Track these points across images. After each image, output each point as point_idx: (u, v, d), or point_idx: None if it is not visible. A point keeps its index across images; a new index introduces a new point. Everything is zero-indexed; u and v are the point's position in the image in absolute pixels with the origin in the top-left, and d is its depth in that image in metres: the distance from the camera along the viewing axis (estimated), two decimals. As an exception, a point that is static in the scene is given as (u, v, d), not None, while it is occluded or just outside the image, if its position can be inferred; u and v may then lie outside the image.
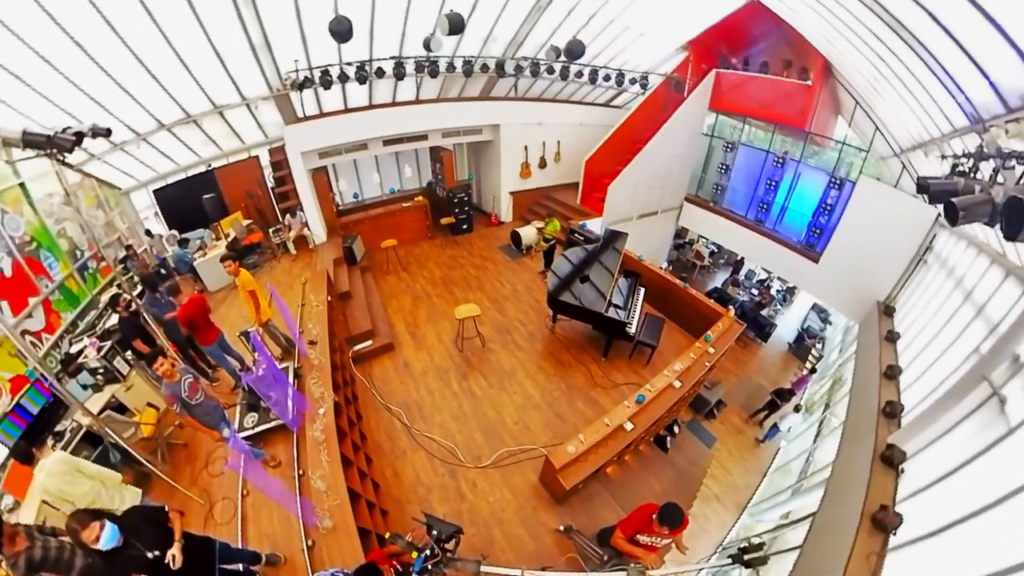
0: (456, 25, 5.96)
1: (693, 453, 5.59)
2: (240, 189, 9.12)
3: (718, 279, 12.16)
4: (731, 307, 6.19)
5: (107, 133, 4.20)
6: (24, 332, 5.73)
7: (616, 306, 5.74)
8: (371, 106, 8.44)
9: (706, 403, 6.71)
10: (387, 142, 9.12)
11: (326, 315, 5.52)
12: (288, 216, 8.74)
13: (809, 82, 7.50)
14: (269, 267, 8.41)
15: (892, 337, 5.32)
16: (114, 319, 6.34)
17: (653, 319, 6.15)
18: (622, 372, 5.82)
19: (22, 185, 6.07)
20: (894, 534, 3.06)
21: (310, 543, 3.40)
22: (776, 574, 3.93)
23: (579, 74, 8.70)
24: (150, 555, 2.63)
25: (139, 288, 7.01)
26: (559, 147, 10.38)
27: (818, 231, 8.13)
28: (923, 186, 2.86)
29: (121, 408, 5.19)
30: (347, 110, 8.28)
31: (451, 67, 7.69)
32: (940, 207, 3.02)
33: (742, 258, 12.22)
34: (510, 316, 6.93)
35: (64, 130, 3.47)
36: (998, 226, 2.27)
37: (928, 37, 3.72)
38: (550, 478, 4.12)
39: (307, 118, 8.01)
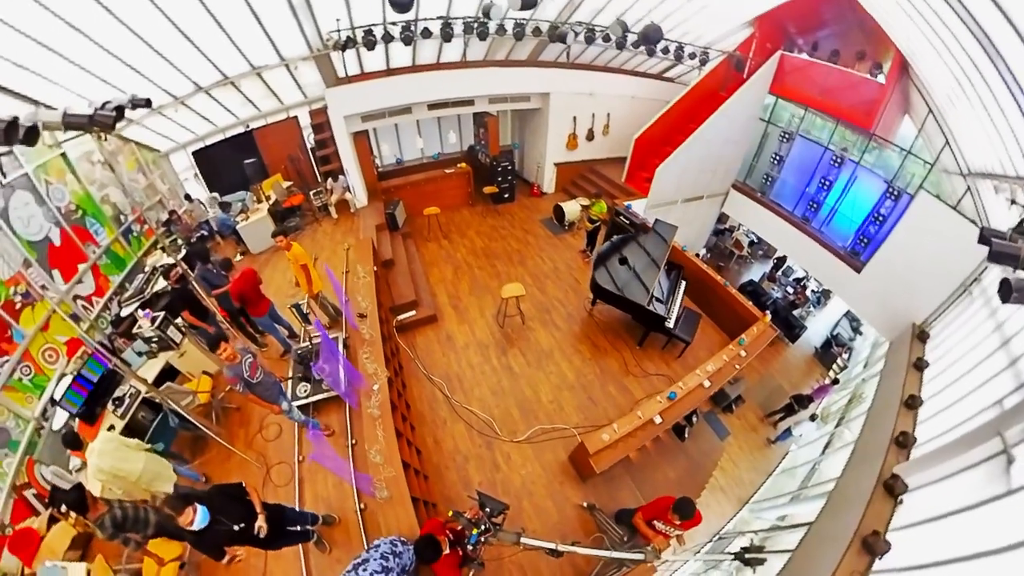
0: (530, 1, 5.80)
1: (707, 444, 5.93)
2: (279, 150, 9.27)
3: (755, 271, 12.02)
4: (767, 312, 6.29)
5: (147, 103, 4.16)
6: (76, 297, 6.27)
7: (658, 299, 5.92)
8: (415, 67, 8.37)
9: (726, 397, 6.90)
10: (432, 106, 9.11)
11: (374, 287, 5.81)
12: (330, 180, 8.93)
13: (882, 79, 7.13)
14: (311, 230, 8.70)
15: (920, 365, 5.33)
16: (162, 283, 6.71)
17: (690, 314, 6.34)
18: (654, 362, 6.09)
19: (64, 155, 6.40)
20: (880, 559, 3.34)
21: (362, 506, 3.91)
22: (764, 572, 4.31)
23: (636, 44, 8.28)
24: (236, 528, 3.01)
25: (184, 252, 7.35)
26: (608, 120, 10.20)
27: (865, 240, 7.90)
28: (985, 239, 2.88)
29: (174, 372, 5.58)
30: (389, 71, 8.24)
31: (502, 30, 7.49)
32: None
33: (785, 255, 12.04)
34: (550, 295, 7.17)
35: (104, 106, 3.37)
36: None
37: (1018, 63, 3.61)
38: (581, 459, 4.54)
39: (348, 79, 7.97)
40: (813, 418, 7.99)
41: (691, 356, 6.19)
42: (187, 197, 8.67)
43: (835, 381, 8.62)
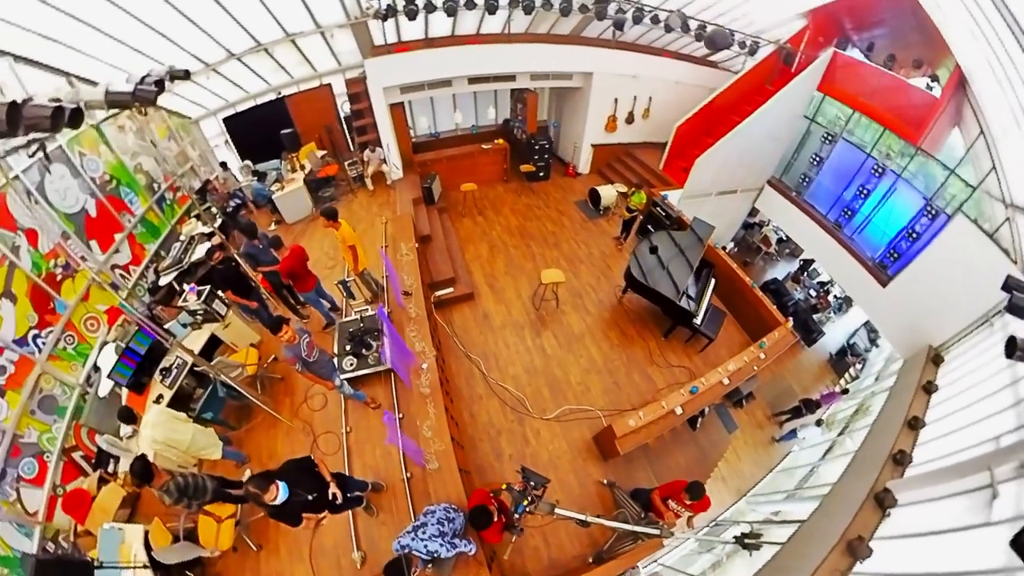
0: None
1: (715, 436, 6.31)
2: (312, 118, 9.32)
3: (779, 269, 12.14)
4: (789, 318, 6.54)
5: (185, 75, 4.16)
6: (113, 266, 6.53)
7: (688, 296, 6.22)
8: (454, 39, 8.38)
9: (738, 392, 7.16)
10: (472, 80, 9.12)
11: (417, 265, 6.14)
12: (367, 151, 9.06)
13: (937, 92, 7.04)
14: (346, 201, 8.93)
15: (929, 389, 5.55)
16: (200, 251, 6.95)
17: (716, 312, 6.63)
18: (677, 354, 6.45)
19: (97, 127, 6.56)
20: (860, 563, 3.74)
21: (409, 475, 4.41)
22: (753, 560, 4.81)
23: (685, 27, 8.10)
24: (309, 497, 3.39)
25: (219, 221, 7.59)
26: (650, 103, 10.14)
27: (896, 255, 7.91)
28: (1008, 288, 3.07)
29: (217, 341, 5.91)
30: (428, 41, 8.26)
31: (548, 4, 7.43)
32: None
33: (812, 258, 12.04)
34: (583, 280, 7.47)
35: (143, 80, 3.34)
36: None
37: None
38: (606, 440, 4.99)
39: (387, 47, 8.00)
40: (819, 423, 8.38)
41: (712, 352, 6.52)
42: (223, 165, 8.86)
43: (844, 391, 8.90)
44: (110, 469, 5.56)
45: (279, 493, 3.13)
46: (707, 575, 6.30)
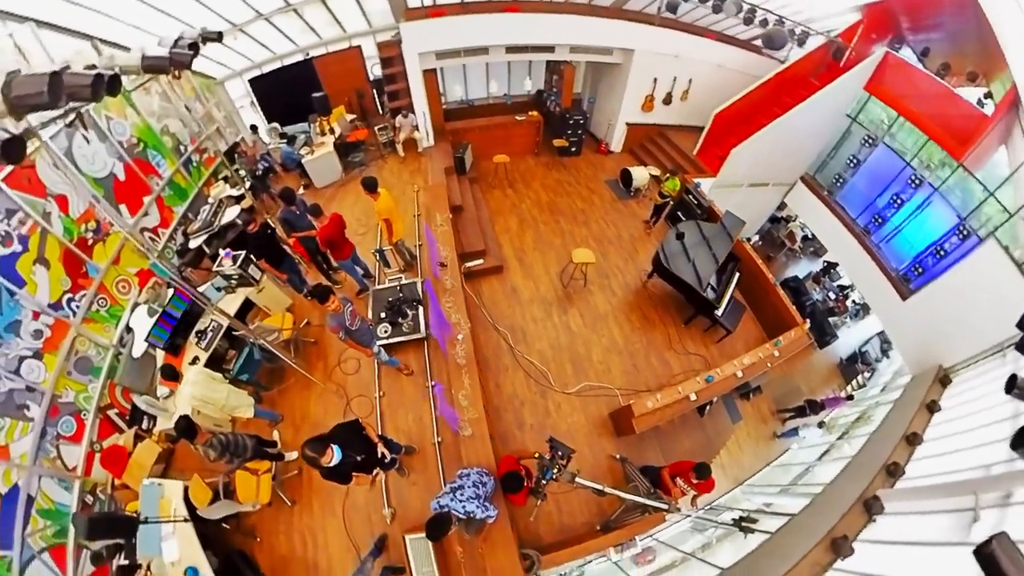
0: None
1: (720, 425, 6.73)
2: (340, 81, 9.40)
3: (801, 267, 12.34)
4: (807, 320, 6.84)
5: (218, 37, 4.13)
6: (143, 229, 6.81)
7: (712, 287, 6.53)
8: (491, 4, 8.39)
9: (746, 385, 7.44)
10: (510, 49, 9.12)
11: (452, 236, 6.42)
12: (399, 116, 9.15)
13: (989, 110, 7.06)
14: (376, 167, 9.11)
15: (932, 408, 5.80)
16: (230, 214, 7.17)
17: (736, 305, 6.96)
18: (695, 342, 6.82)
19: (126, 91, 6.64)
20: (841, 560, 4.14)
21: (439, 440, 4.84)
22: (740, 546, 5.38)
23: (737, 7, 7.99)
24: (359, 458, 3.69)
25: (248, 183, 7.78)
26: (690, 86, 10.14)
27: (920, 270, 8.01)
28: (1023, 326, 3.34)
29: (249, 304, 6.26)
30: (464, 5, 8.30)
31: None
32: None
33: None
34: (611, 261, 7.77)
35: (177, 43, 3.36)
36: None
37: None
38: (622, 418, 5.43)
39: (421, 9, 8.04)
40: (820, 425, 8.77)
41: (728, 344, 6.87)
42: (252, 128, 8.98)
43: (850, 397, 9.24)
44: (144, 426, 6.07)
45: (334, 455, 3.42)
46: (696, 554, 6.88)
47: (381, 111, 10.00)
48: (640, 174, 9.27)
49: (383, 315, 5.91)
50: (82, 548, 5.34)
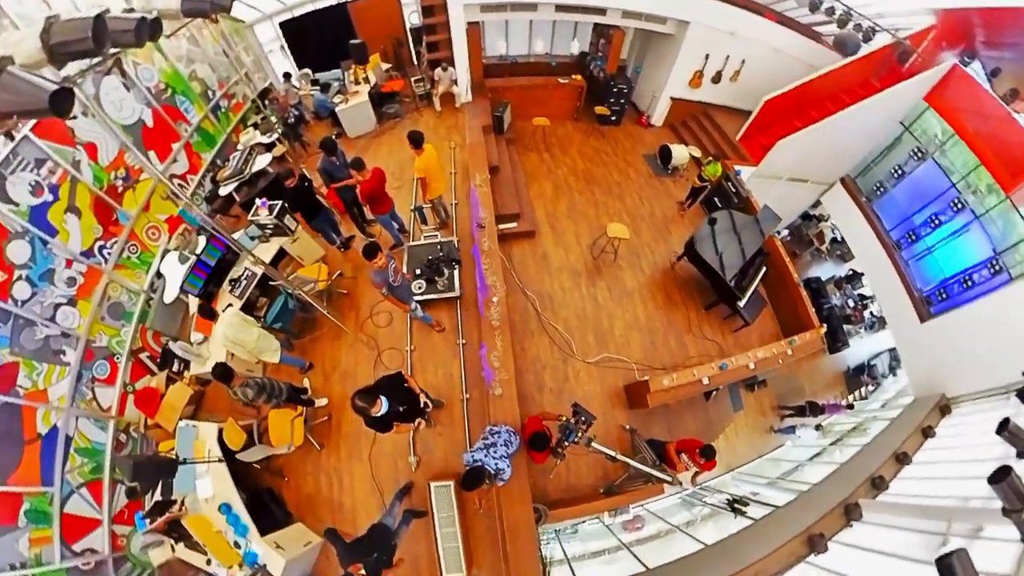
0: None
1: (722, 410, 7.26)
2: (376, 27, 9.35)
3: (825, 269, 12.62)
4: (823, 324, 7.22)
5: None
6: (172, 176, 7.06)
7: (737, 278, 6.88)
8: None
9: (754, 377, 7.85)
10: (559, 8, 9.09)
11: (491, 197, 6.68)
12: (438, 69, 9.16)
13: None
14: (411, 120, 9.23)
15: (927, 433, 6.30)
16: (261, 162, 7.39)
17: (757, 298, 7.31)
18: (712, 329, 7.24)
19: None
20: (815, 555, 4.75)
21: (467, 396, 5.31)
22: (723, 528, 6.01)
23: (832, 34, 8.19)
24: (400, 408, 4.03)
25: (279, 132, 7.95)
26: (742, 67, 10.08)
27: (944, 295, 8.20)
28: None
29: (281, 254, 6.54)
30: None
31: None
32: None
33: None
34: (643, 239, 8.09)
35: None
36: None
37: None
38: (637, 392, 5.93)
39: None
40: (817, 428, 9.33)
41: (744, 335, 7.31)
42: (285, 76, 9.02)
43: (850, 406, 9.81)
44: (175, 368, 6.55)
45: (382, 406, 3.76)
46: (682, 528, 7.58)
47: (417, 62, 9.96)
48: (680, 152, 9.36)
49: (418, 271, 6.27)
50: (117, 483, 5.94)
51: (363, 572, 3.87)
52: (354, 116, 8.81)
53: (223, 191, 7.47)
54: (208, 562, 4.99)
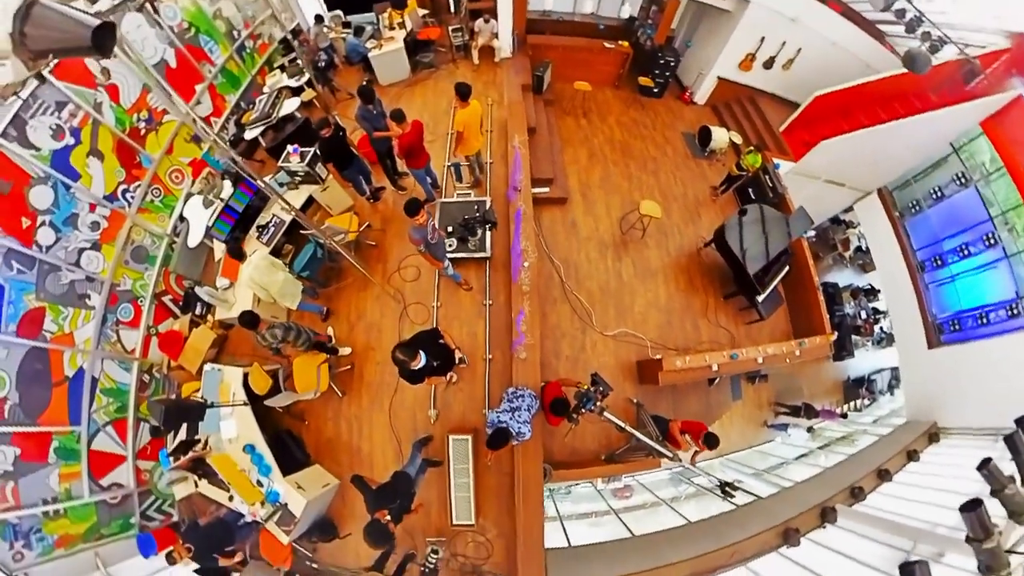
0: None
1: (722, 398, 7.76)
2: None
3: (843, 276, 12.91)
4: (834, 331, 7.60)
5: None
6: (195, 119, 7.10)
7: (761, 273, 7.19)
8: None
9: (757, 370, 8.23)
10: None
11: (528, 159, 6.85)
12: (480, 20, 9.08)
13: None
14: (446, 71, 9.25)
15: (912, 456, 6.88)
16: (289, 106, 7.50)
17: (775, 295, 7.64)
18: (727, 318, 7.65)
19: None
20: (786, 547, 5.37)
21: (490, 356, 5.72)
22: (705, 510, 6.55)
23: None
24: (435, 363, 4.34)
25: (306, 76, 8.03)
26: (796, 56, 10.00)
27: (957, 326, 8.47)
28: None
29: (308, 202, 6.76)
30: None
31: None
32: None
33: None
34: (673, 219, 8.31)
35: None
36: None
37: None
38: (649, 369, 6.38)
39: None
40: (809, 430, 9.89)
41: (756, 329, 7.75)
42: (317, 18, 8.92)
43: (844, 415, 10.33)
44: (198, 312, 6.93)
45: (421, 360, 4.05)
46: (668, 503, 8.21)
47: (456, 11, 9.84)
48: (720, 136, 9.42)
49: (450, 229, 6.49)
50: (141, 421, 6.44)
51: (388, 518, 4.32)
52: (387, 63, 8.78)
53: (248, 135, 7.59)
54: (230, 498, 5.48)
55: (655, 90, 10.66)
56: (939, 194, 9.62)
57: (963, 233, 9.06)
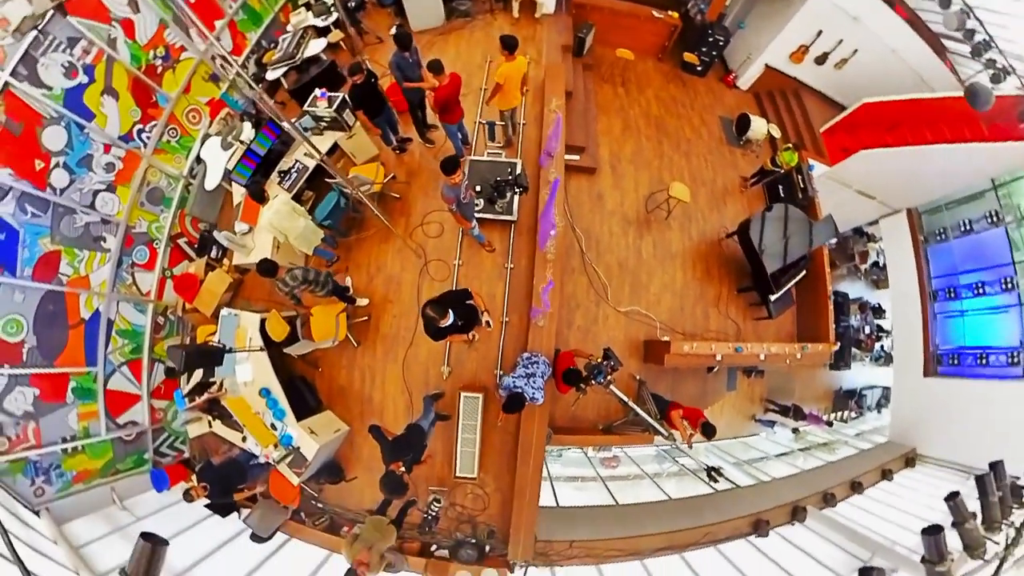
0: None
1: (718, 387, 8.29)
2: None
3: (855, 288, 13.28)
4: (838, 342, 8.03)
5: None
6: (214, 57, 7.11)
7: (779, 273, 7.51)
8: None
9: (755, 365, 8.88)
10: None
11: (565, 125, 6.95)
12: None
13: None
14: (483, 22, 9.09)
15: (887, 475, 7.52)
16: (314, 47, 7.47)
17: (787, 297, 7.98)
18: (737, 311, 8.03)
19: None
20: (755, 536, 6.02)
21: (507, 319, 6.10)
22: (683, 489, 7.13)
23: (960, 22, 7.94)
24: (460, 323, 4.57)
25: (333, 16, 7.91)
26: (851, 57, 9.94)
27: (956, 361, 8.86)
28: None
29: (332, 149, 6.77)
30: None
31: None
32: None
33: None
34: (698, 205, 8.45)
35: None
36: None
37: None
38: (656, 349, 6.79)
39: None
40: (794, 431, 10.59)
41: (762, 326, 8.16)
42: None
43: (829, 423, 10.95)
44: (213, 255, 7.09)
45: (449, 319, 4.32)
46: (652, 477, 8.78)
47: None
48: (759, 126, 9.38)
49: (479, 189, 6.61)
50: (155, 362, 6.78)
51: (403, 469, 4.72)
52: (421, 6, 8.59)
53: (270, 75, 7.52)
54: (244, 439, 5.85)
55: (699, 68, 10.56)
56: (968, 227, 9.74)
57: (983, 271, 9.31)
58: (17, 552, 3.50)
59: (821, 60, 10.22)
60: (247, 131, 6.78)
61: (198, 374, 5.98)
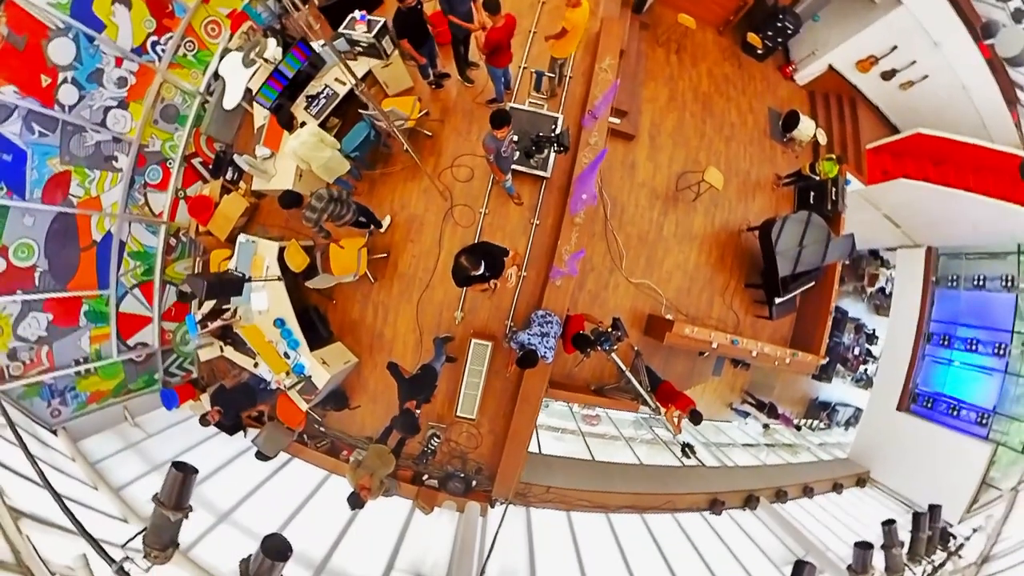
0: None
1: (704, 370, 9.25)
2: None
3: (856, 308, 14.18)
4: (826, 358, 8.92)
5: None
6: None
7: (790, 278, 8.20)
8: None
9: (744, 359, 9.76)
10: None
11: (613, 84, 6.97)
12: None
13: None
14: None
15: (836, 488, 8.99)
16: None
17: (791, 302, 8.75)
18: (740, 303, 8.77)
19: None
20: (708, 513, 7.14)
21: (524, 274, 6.71)
22: (652, 456, 8.13)
23: None
24: (487, 273, 4.80)
25: None
26: (919, 81, 10.00)
27: (929, 404, 9.86)
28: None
29: (364, 76, 6.56)
30: None
31: None
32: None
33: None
34: (727, 193, 8.71)
35: None
36: None
37: None
38: (658, 325, 7.58)
39: None
40: (765, 426, 11.95)
41: (760, 324, 8.96)
42: None
43: (798, 427, 12.34)
44: (229, 177, 7.17)
45: (480, 269, 4.64)
46: (628, 441, 9.78)
47: None
48: (807, 127, 9.51)
49: (516, 139, 6.43)
50: (167, 284, 7.09)
51: (417, 409, 5.39)
52: None
53: None
54: (255, 365, 6.41)
55: (759, 52, 10.51)
56: (981, 282, 10.29)
57: (982, 330, 10.00)
58: (44, 474, 3.95)
59: (888, 76, 10.32)
60: (272, 49, 6.65)
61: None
